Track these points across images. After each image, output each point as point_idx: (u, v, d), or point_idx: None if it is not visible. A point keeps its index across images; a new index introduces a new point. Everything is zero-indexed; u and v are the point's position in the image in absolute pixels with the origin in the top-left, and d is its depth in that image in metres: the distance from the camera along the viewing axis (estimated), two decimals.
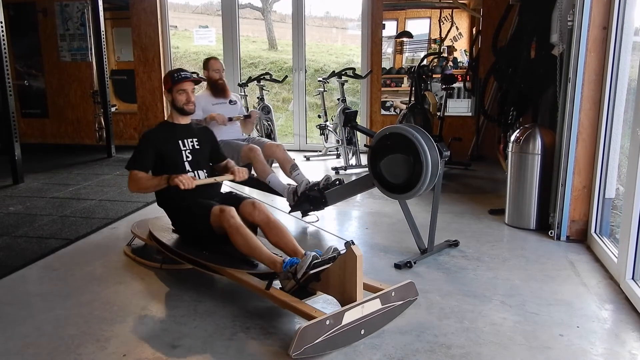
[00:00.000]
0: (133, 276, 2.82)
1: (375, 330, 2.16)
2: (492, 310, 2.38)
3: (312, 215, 3.80)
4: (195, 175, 2.75)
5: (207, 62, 4.16)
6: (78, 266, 2.95)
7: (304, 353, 1.90)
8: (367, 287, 2.27)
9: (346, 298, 2.13)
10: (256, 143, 3.93)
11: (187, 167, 2.77)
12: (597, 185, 3.16)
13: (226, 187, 3.07)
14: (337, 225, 3.77)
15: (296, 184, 3.61)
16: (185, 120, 2.88)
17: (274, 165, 4.13)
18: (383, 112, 6.71)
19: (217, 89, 4.09)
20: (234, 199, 2.75)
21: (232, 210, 2.50)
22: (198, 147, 2.85)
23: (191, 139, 2.84)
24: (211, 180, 2.72)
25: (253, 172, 3.76)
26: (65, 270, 2.91)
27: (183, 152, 2.78)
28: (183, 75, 2.81)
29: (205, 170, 2.85)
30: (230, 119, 3.98)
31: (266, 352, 2.05)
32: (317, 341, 1.93)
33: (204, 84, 4.24)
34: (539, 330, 2.20)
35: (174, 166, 2.73)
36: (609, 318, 2.33)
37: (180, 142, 2.80)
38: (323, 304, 2.40)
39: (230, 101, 4.18)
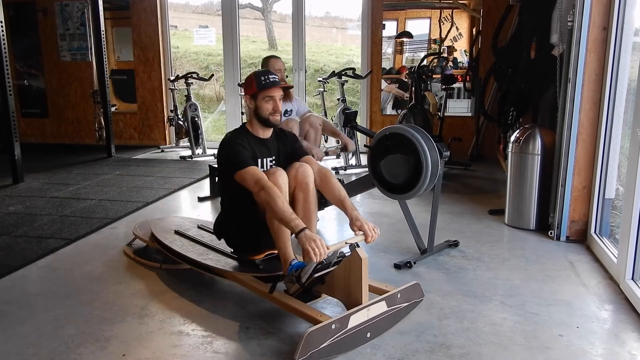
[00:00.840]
0: (133, 276, 2.81)
1: (380, 333, 2.14)
2: (492, 311, 2.38)
3: None
4: None
5: (267, 62, 3.73)
6: (78, 266, 2.95)
7: (310, 358, 1.88)
8: (372, 289, 2.26)
9: (351, 301, 2.11)
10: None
11: None
12: (597, 185, 3.16)
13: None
14: (337, 226, 3.77)
15: None
16: (266, 134, 2.50)
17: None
18: (387, 112, 6.71)
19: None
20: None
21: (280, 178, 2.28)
22: (274, 166, 2.50)
23: (270, 158, 2.50)
24: (341, 245, 2.20)
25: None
26: (65, 270, 2.91)
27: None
28: (272, 80, 2.41)
29: None
30: (326, 154, 3.72)
31: (266, 353, 2.04)
32: (323, 345, 1.91)
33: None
34: (538, 331, 2.20)
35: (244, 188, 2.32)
36: (609, 318, 2.33)
37: (259, 161, 2.45)
38: (322, 303, 2.40)
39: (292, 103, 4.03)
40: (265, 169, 2.44)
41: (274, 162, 2.53)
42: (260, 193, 2.20)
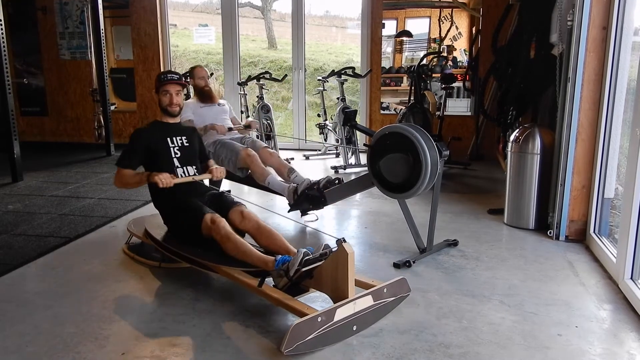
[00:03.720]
0: (132, 275, 2.81)
1: (367, 326, 2.18)
2: (491, 310, 2.38)
3: (312, 214, 3.80)
4: (184, 171, 2.86)
5: (193, 71, 4.25)
6: (77, 264, 2.95)
7: (296, 349, 1.92)
8: (360, 284, 2.30)
9: (338, 295, 2.15)
10: (252, 145, 3.95)
11: (176, 163, 2.86)
12: (596, 185, 3.16)
13: (225, 185, 3.09)
14: (336, 225, 3.77)
15: (296, 184, 3.61)
16: (173, 120, 2.98)
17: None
18: (382, 111, 6.71)
19: (204, 95, 4.18)
20: (223, 203, 2.81)
21: (223, 221, 2.57)
22: (187, 144, 2.94)
23: (180, 137, 2.94)
24: (189, 179, 2.79)
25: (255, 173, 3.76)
26: (64, 268, 2.91)
27: (172, 148, 2.87)
28: (169, 77, 2.89)
29: (195, 167, 2.93)
30: (230, 129, 4.04)
31: (265, 351, 2.05)
32: (309, 338, 1.95)
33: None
34: (537, 330, 2.20)
35: (164, 162, 2.82)
36: (608, 318, 2.33)
37: (169, 139, 2.89)
38: (312, 297, 2.40)
39: (219, 104, 4.24)
40: (176, 145, 2.89)
41: (185, 140, 2.94)
42: (117, 184, 2.84)
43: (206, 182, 2.98)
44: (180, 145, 2.91)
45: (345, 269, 2.11)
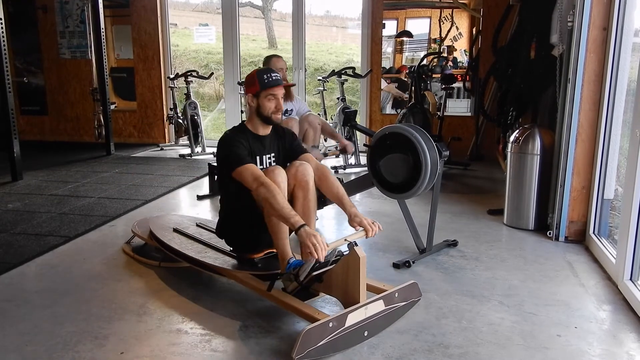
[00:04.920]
0: (132, 274, 2.81)
1: (378, 331, 2.14)
2: (490, 310, 2.38)
3: None
4: None
5: (269, 61, 3.74)
6: (76, 264, 2.95)
7: (307, 355, 1.89)
8: (370, 288, 2.26)
9: (349, 300, 2.11)
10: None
11: None
12: (596, 186, 3.16)
13: None
14: (335, 225, 3.77)
15: None
16: (266, 131, 2.51)
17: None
18: (387, 111, 6.71)
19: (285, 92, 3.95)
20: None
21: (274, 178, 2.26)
22: (274, 163, 2.53)
23: (269, 155, 2.52)
24: (342, 241, 2.16)
25: None
26: (64, 267, 2.91)
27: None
28: (275, 78, 2.42)
29: None
30: (325, 155, 3.78)
31: (265, 351, 2.05)
32: (320, 343, 1.92)
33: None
34: (536, 331, 2.20)
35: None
36: (607, 319, 2.33)
37: (258, 158, 2.47)
38: (320, 301, 2.40)
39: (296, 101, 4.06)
40: (264, 167, 2.44)
41: (273, 159, 2.54)
42: (259, 189, 2.20)
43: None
44: (267, 166, 2.45)
45: (357, 273, 2.06)
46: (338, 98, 5.86)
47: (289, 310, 2.21)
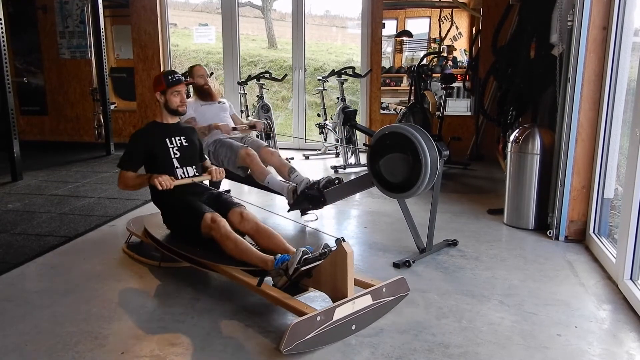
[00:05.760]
0: (131, 274, 2.81)
1: (366, 325, 2.18)
2: (490, 310, 2.38)
3: (311, 214, 3.80)
4: (184, 172, 2.87)
5: (192, 70, 4.22)
6: (76, 264, 2.95)
7: (295, 349, 1.92)
8: (359, 283, 2.30)
9: (337, 294, 2.15)
10: (252, 144, 3.94)
11: (176, 163, 2.86)
12: (596, 185, 3.16)
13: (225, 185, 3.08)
14: (335, 224, 3.77)
15: (296, 184, 3.60)
16: (173, 120, 2.97)
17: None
18: (382, 111, 6.71)
19: (204, 94, 4.15)
20: (222, 203, 2.82)
21: (223, 220, 2.58)
22: (186, 144, 2.93)
23: (179, 137, 2.93)
24: (188, 180, 2.79)
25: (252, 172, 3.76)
26: (64, 267, 2.91)
27: (171, 149, 2.86)
28: (177, 78, 2.89)
29: (195, 167, 2.93)
30: (234, 129, 4.01)
31: (264, 350, 2.05)
32: (308, 337, 1.95)
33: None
34: (536, 330, 2.20)
35: (163, 163, 2.83)
36: (607, 318, 2.33)
37: (167, 140, 2.88)
38: (311, 297, 2.40)
39: (219, 102, 4.23)
40: (177, 146, 2.88)
41: (185, 141, 2.92)
42: (120, 186, 2.85)
43: (206, 182, 2.98)
44: (179, 145, 2.91)
45: (345, 269, 2.11)
46: (338, 98, 5.85)
47: (278, 304, 2.23)
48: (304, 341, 1.94)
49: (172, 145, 2.88)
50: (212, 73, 7.34)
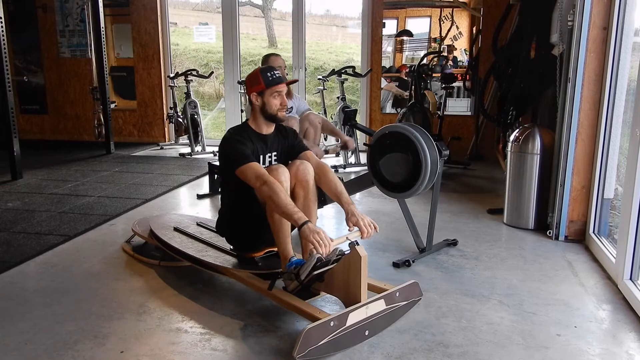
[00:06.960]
0: (131, 273, 2.81)
1: (379, 331, 2.14)
2: (490, 310, 2.38)
3: None
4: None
5: (268, 59, 3.68)
6: (76, 263, 2.95)
7: (308, 355, 1.88)
8: (371, 288, 2.26)
9: (350, 299, 2.11)
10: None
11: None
12: (596, 185, 3.16)
13: None
14: (335, 224, 3.77)
15: None
16: (269, 130, 2.50)
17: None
18: (387, 111, 6.71)
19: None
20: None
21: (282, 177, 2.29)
22: (275, 162, 2.53)
23: (270, 154, 2.51)
24: (343, 239, 2.17)
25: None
26: (64, 266, 2.91)
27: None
28: (278, 76, 2.42)
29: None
30: (326, 152, 3.74)
31: (265, 350, 2.05)
32: (321, 343, 1.92)
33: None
34: (536, 330, 2.20)
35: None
36: (607, 318, 2.33)
37: (261, 157, 2.46)
38: (321, 301, 2.40)
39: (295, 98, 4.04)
40: (266, 165, 2.46)
41: (275, 157, 2.54)
42: (262, 188, 2.20)
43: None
44: (269, 163, 2.46)
45: (358, 273, 2.06)
46: (338, 97, 5.85)
47: (290, 309, 2.21)
48: (317, 347, 1.90)
49: (263, 165, 2.43)
50: (212, 72, 7.34)
